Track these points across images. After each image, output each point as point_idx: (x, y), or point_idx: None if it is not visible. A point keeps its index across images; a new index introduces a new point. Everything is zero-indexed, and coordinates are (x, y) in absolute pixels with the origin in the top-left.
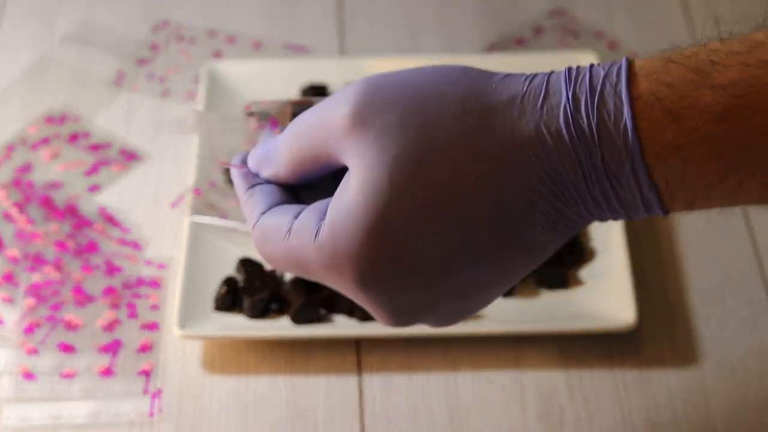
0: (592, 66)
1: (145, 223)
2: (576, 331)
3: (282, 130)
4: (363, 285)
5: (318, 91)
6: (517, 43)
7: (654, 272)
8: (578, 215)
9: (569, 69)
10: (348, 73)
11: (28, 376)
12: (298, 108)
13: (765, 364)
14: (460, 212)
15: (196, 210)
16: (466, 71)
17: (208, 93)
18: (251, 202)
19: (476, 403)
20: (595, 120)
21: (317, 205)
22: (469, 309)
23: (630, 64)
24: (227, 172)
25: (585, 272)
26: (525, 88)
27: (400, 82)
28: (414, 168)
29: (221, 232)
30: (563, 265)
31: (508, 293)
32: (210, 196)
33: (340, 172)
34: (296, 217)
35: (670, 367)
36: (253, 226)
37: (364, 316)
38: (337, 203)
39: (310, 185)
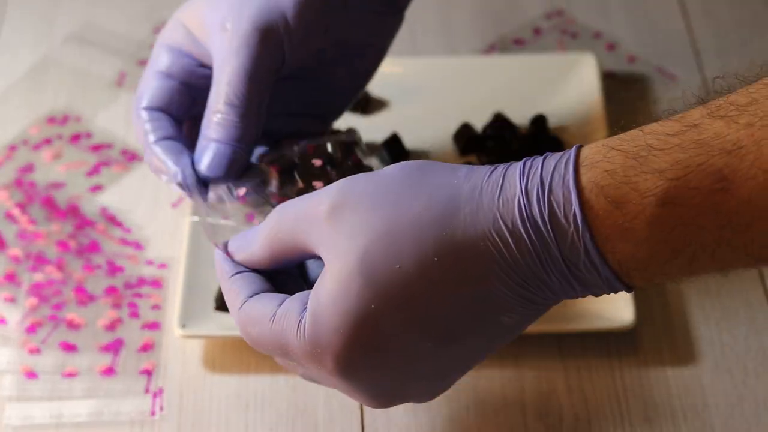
0: (545, 157)
1: (146, 223)
2: (575, 331)
3: (260, 218)
4: (342, 375)
5: None
6: (516, 43)
7: None
8: (543, 297)
9: (525, 161)
10: None
11: (30, 375)
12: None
13: (763, 363)
14: (425, 300)
15: (197, 210)
16: (434, 167)
17: None
18: (235, 288)
19: (476, 402)
20: (546, 211)
21: (300, 295)
22: (444, 386)
23: (578, 154)
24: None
25: None
26: (484, 181)
27: (373, 180)
28: (382, 259)
29: (222, 232)
30: None
31: None
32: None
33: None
34: (280, 304)
35: (669, 366)
36: (238, 309)
37: None
38: (316, 294)
39: (281, 271)
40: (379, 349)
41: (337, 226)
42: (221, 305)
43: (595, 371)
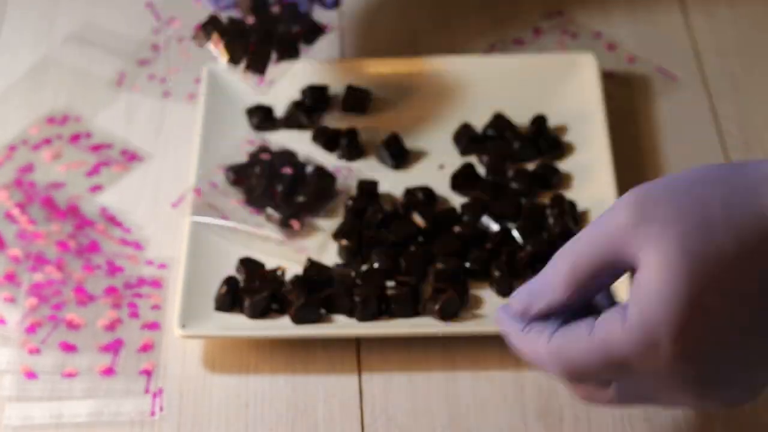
0: None
1: (146, 223)
2: None
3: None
4: (680, 351)
5: (318, 92)
6: (516, 43)
7: None
8: None
9: None
10: (348, 74)
11: (30, 375)
12: None
13: None
14: (741, 271)
15: (197, 210)
16: (724, 163)
17: (209, 94)
18: (534, 331)
19: (476, 402)
20: None
21: (613, 308)
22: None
23: None
24: (228, 171)
25: None
26: None
27: (667, 179)
28: (700, 237)
29: (221, 232)
30: None
31: (506, 293)
32: (210, 196)
33: None
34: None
35: None
36: (547, 343)
37: (364, 316)
38: (637, 288)
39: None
40: (713, 325)
41: (647, 226)
42: (221, 305)
43: None
